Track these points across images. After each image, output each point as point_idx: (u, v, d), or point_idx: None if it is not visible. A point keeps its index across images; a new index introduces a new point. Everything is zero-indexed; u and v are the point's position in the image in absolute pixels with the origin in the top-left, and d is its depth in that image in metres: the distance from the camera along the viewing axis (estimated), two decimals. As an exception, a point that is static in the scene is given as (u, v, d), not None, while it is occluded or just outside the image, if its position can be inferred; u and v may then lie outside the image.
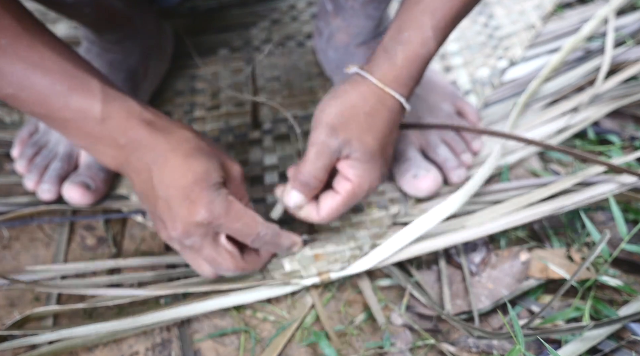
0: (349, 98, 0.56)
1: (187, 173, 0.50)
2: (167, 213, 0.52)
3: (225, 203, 0.53)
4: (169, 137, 0.51)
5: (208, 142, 0.54)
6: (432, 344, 0.58)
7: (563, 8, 0.88)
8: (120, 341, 0.60)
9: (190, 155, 0.51)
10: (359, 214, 0.68)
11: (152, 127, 0.50)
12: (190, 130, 0.53)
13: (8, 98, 0.48)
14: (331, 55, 0.75)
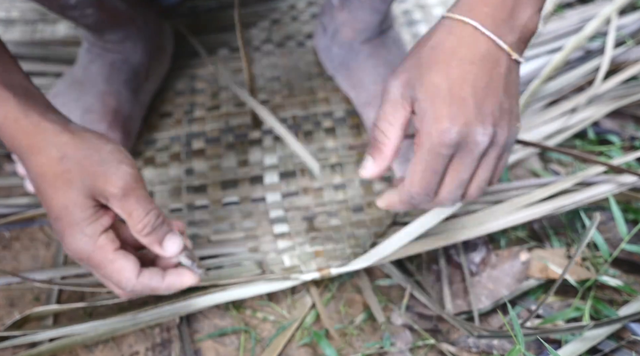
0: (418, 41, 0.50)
1: (51, 204, 0.47)
2: None
3: (88, 247, 0.48)
4: (36, 158, 0.47)
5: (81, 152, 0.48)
6: (432, 344, 0.58)
7: (563, 8, 0.88)
8: (121, 341, 0.60)
9: (52, 184, 0.47)
10: (359, 213, 0.69)
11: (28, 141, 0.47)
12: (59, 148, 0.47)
13: None
14: (335, 51, 0.75)
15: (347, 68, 0.74)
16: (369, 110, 0.73)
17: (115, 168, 0.48)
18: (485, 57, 0.48)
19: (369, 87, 0.73)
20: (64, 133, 0.48)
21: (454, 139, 0.47)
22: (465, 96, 0.47)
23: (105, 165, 0.48)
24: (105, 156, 0.48)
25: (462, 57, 0.47)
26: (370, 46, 0.72)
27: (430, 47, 0.49)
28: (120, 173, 0.48)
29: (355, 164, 0.73)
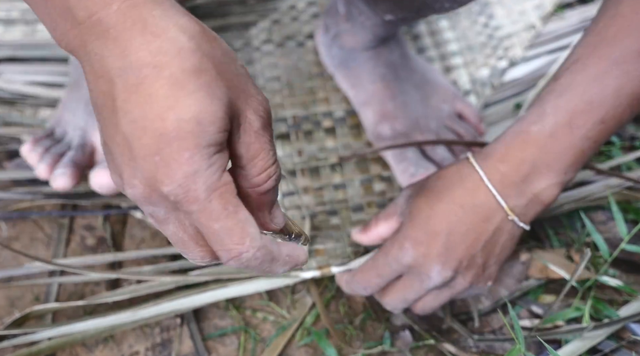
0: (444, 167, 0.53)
1: (167, 114, 0.30)
2: (124, 158, 0.32)
3: (213, 181, 0.31)
4: (151, 43, 0.30)
5: (217, 53, 0.33)
6: (432, 344, 0.58)
7: (563, 8, 0.88)
8: (120, 341, 0.60)
9: (179, 83, 0.30)
10: (359, 213, 0.69)
11: (130, 15, 0.30)
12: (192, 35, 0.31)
13: None
14: (335, 51, 0.75)
15: (347, 67, 0.74)
16: (366, 109, 0.73)
17: (255, 89, 0.34)
18: (478, 207, 0.48)
19: (368, 87, 0.73)
20: (193, 21, 0.32)
21: (406, 261, 0.50)
22: (439, 232, 0.49)
23: (244, 82, 0.34)
24: (241, 70, 0.34)
25: (455, 197, 0.49)
26: (372, 52, 0.72)
27: (437, 177, 0.51)
28: (261, 99, 0.34)
29: (355, 164, 0.73)
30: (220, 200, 0.32)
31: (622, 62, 0.46)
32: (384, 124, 0.71)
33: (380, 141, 0.71)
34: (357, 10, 0.64)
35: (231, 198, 0.32)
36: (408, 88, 0.72)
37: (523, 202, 0.49)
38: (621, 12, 0.46)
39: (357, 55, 0.72)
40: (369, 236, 0.57)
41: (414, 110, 0.71)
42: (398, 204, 0.54)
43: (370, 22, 0.65)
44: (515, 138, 0.48)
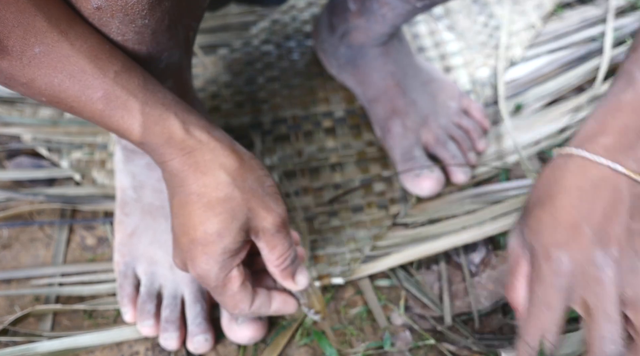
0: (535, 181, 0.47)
1: (198, 228, 0.45)
2: (174, 242, 0.48)
3: (220, 278, 0.47)
4: (199, 179, 0.45)
5: (248, 183, 0.46)
6: (432, 344, 0.58)
7: (563, 8, 0.88)
8: (120, 341, 0.60)
9: (211, 207, 0.45)
10: (358, 213, 0.69)
11: (187, 162, 0.44)
12: (229, 172, 0.45)
13: (40, 102, 0.43)
14: (343, 51, 0.74)
15: (355, 65, 0.74)
16: (376, 105, 0.73)
17: (274, 204, 0.47)
18: (598, 183, 0.44)
19: (378, 83, 0.73)
20: (233, 157, 0.46)
21: (566, 266, 0.43)
22: (575, 222, 0.43)
23: (265, 201, 0.47)
24: (267, 190, 0.47)
25: (568, 186, 0.44)
26: (380, 49, 0.72)
27: (536, 187, 0.46)
28: (279, 210, 0.47)
29: (355, 164, 0.73)
30: (223, 288, 0.48)
31: None
32: (394, 120, 0.71)
33: (389, 137, 0.71)
34: (378, 3, 0.64)
35: (233, 287, 0.48)
36: (416, 85, 0.73)
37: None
38: None
39: (367, 52, 0.72)
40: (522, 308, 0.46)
41: (423, 107, 0.71)
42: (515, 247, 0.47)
43: (393, 13, 0.63)
44: (609, 109, 0.46)
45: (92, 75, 0.41)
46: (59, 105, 0.42)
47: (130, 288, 0.59)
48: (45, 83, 0.40)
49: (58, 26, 0.39)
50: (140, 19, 0.41)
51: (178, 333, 0.57)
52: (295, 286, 0.51)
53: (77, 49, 0.40)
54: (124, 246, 0.61)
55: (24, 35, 0.38)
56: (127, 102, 0.42)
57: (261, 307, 0.50)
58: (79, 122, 0.76)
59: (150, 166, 0.61)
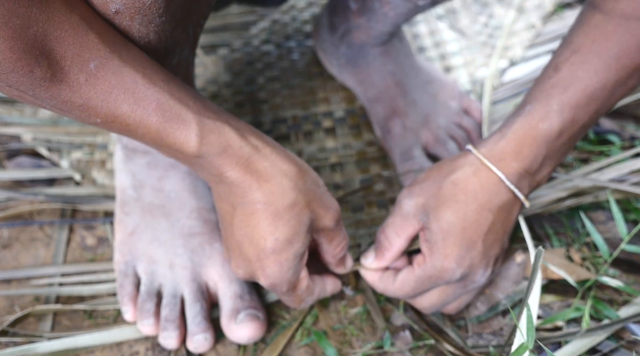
0: (440, 166, 0.53)
1: (268, 237, 0.46)
2: (235, 254, 0.49)
3: (292, 282, 0.50)
4: (263, 187, 0.45)
5: (308, 186, 0.47)
6: (432, 344, 0.58)
7: (563, 8, 0.88)
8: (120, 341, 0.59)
9: (279, 215, 0.45)
10: (359, 213, 0.69)
11: (248, 170, 0.44)
12: (290, 178, 0.46)
13: (93, 124, 0.42)
14: (343, 50, 0.74)
15: (355, 65, 0.74)
16: (377, 105, 0.73)
17: (331, 202, 0.49)
18: (502, 206, 0.50)
19: (378, 83, 0.73)
20: (289, 162, 0.46)
21: (456, 278, 0.51)
22: (476, 240, 0.50)
23: (323, 200, 0.49)
24: (322, 190, 0.49)
25: (482, 204, 0.50)
26: (381, 48, 0.72)
27: (452, 182, 0.51)
28: (335, 207, 0.50)
29: (355, 164, 0.73)
30: (293, 290, 0.51)
31: (621, 57, 0.48)
32: (394, 120, 0.71)
33: (389, 137, 0.71)
34: (379, 2, 0.64)
35: (302, 285, 0.51)
36: (417, 85, 0.73)
37: (531, 188, 0.52)
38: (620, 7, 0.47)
39: (367, 52, 0.72)
40: (386, 257, 0.54)
41: (423, 107, 0.71)
42: (409, 215, 0.52)
43: (395, 12, 0.64)
44: (526, 136, 0.50)
45: (144, 86, 0.40)
46: (113, 124, 0.41)
47: (130, 287, 0.59)
48: (102, 100, 0.39)
49: (107, 40, 0.39)
50: (158, 18, 0.41)
51: (177, 332, 0.57)
52: (345, 270, 0.56)
53: (125, 61, 0.40)
54: (124, 245, 0.61)
55: (79, 52, 0.38)
56: (182, 112, 0.42)
57: (320, 294, 0.55)
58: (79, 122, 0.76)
59: (150, 165, 0.61)
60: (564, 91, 0.49)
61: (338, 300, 0.62)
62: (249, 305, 0.58)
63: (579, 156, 0.72)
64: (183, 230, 0.60)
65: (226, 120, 0.44)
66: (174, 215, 0.60)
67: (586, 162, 0.71)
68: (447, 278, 0.51)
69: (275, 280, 0.48)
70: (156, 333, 0.58)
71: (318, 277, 0.55)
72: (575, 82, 0.48)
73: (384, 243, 0.54)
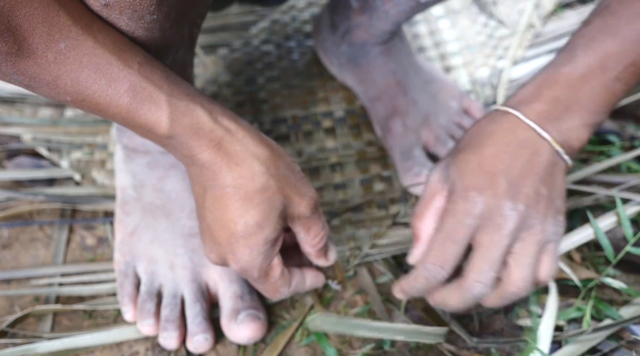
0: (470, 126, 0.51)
1: (238, 221, 0.45)
2: (207, 238, 0.48)
3: (263, 268, 0.48)
4: (233, 170, 0.44)
5: (281, 171, 0.46)
6: (431, 344, 0.58)
7: (563, 8, 0.88)
8: (120, 341, 0.59)
9: (249, 198, 0.45)
10: (358, 213, 0.69)
11: (219, 152, 0.44)
12: (262, 161, 0.45)
13: (63, 102, 0.42)
14: (344, 49, 0.74)
15: (356, 64, 0.74)
16: (377, 104, 0.73)
17: (306, 188, 0.48)
18: (523, 143, 0.47)
19: (379, 82, 0.73)
20: (262, 145, 0.46)
21: (479, 208, 0.46)
22: (496, 172, 0.47)
23: (298, 186, 0.47)
24: (297, 176, 0.48)
25: (498, 139, 0.48)
26: (382, 47, 0.72)
27: (470, 133, 0.50)
28: (310, 194, 0.48)
29: (355, 164, 0.73)
30: (265, 277, 0.49)
31: None
32: (395, 119, 0.71)
33: (390, 136, 0.71)
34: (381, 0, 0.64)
35: (275, 273, 0.49)
36: (417, 84, 0.73)
37: (563, 137, 0.48)
38: None
39: (368, 50, 0.72)
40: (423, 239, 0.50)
41: (424, 107, 0.71)
42: (434, 182, 0.50)
43: (396, 10, 0.63)
44: (547, 79, 0.48)
45: (117, 68, 0.40)
46: (83, 103, 0.41)
47: (130, 287, 0.59)
48: (72, 79, 0.39)
49: (81, 20, 0.39)
50: (148, 15, 0.41)
51: (177, 332, 0.57)
52: (327, 262, 0.54)
53: (100, 43, 0.40)
54: (125, 245, 0.61)
55: (49, 31, 0.38)
56: (153, 94, 0.41)
57: (297, 286, 0.52)
58: (79, 122, 0.76)
59: (151, 165, 0.61)
60: (592, 39, 0.47)
61: (338, 300, 0.62)
62: (249, 305, 0.58)
63: (579, 156, 0.72)
64: (183, 230, 0.60)
65: (200, 103, 0.44)
66: (174, 215, 0.60)
67: (586, 162, 0.71)
68: (470, 209, 0.46)
69: (245, 265, 0.47)
70: (156, 333, 0.58)
71: (297, 269, 0.53)
72: (605, 31, 0.47)
73: (416, 225, 0.51)
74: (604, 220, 0.59)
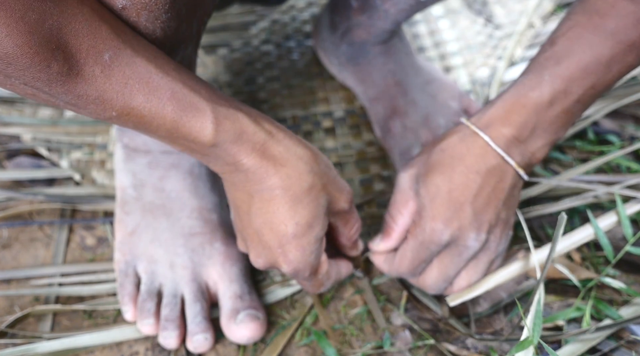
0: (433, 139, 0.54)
1: (289, 222, 0.46)
2: (254, 244, 0.49)
3: (315, 265, 0.50)
4: (280, 171, 0.45)
5: (322, 169, 0.47)
6: (431, 344, 0.58)
7: (563, 8, 0.88)
8: (120, 341, 0.60)
9: (298, 199, 0.46)
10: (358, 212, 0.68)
11: (264, 155, 0.44)
12: (306, 161, 0.46)
13: (107, 119, 0.41)
14: (344, 49, 0.74)
15: (356, 64, 0.74)
16: (377, 104, 0.73)
17: (343, 185, 0.50)
18: (491, 170, 0.51)
19: (379, 82, 0.73)
20: (302, 146, 0.47)
21: (445, 240, 0.52)
22: (464, 202, 0.51)
23: (337, 182, 0.49)
24: (334, 173, 0.49)
25: (468, 166, 0.51)
26: (381, 46, 0.72)
27: (441, 149, 0.52)
28: (348, 189, 0.50)
29: (355, 164, 0.73)
30: (315, 274, 0.52)
31: (617, 33, 0.48)
32: (394, 120, 0.71)
33: (389, 137, 0.71)
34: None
35: (323, 271, 0.52)
36: (417, 84, 0.73)
37: (525, 160, 0.52)
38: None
39: (368, 50, 0.72)
40: (393, 237, 0.55)
41: (423, 107, 0.71)
42: (406, 188, 0.54)
43: (396, 8, 0.64)
44: (516, 103, 0.50)
45: (157, 76, 0.40)
46: (128, 117, 0.40)
47: (130, 287, 0.59)
48: (117, 92, 0.39)
49: (118, 31, 0.39)
50: (164, 14, 0.41)
51: (177, 331, 0.57)
52: (358, 252, 0.57)
53: (137, 52, 0.39)
54: (125, 245, 0.61)
55: (94, 44, 0.37)
56: (195, 100, 0.41)
57: (336, 277, 0.55)
58: (79, 122, 0.76)
59: (151, 165, 0.61)
60: (557, 63, 0.49)
61: (338, 300, 0.62)
62: (249, 305, 0.58)
63: (578, 156, 0.72)
64: (184, 229, 0.60)
65: (238, 107, 0.44)
66: (174, 214, 0.60)
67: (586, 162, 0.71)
68: (437, 240, 0.52)
69: (298, 265, 0.49)
70: (156, 332, 0.58)
71: (333, 261, 0.55)
72: (570, 55, 0.49)
73: (389, 223, 0.55)
74: (603, 220, 0.59)
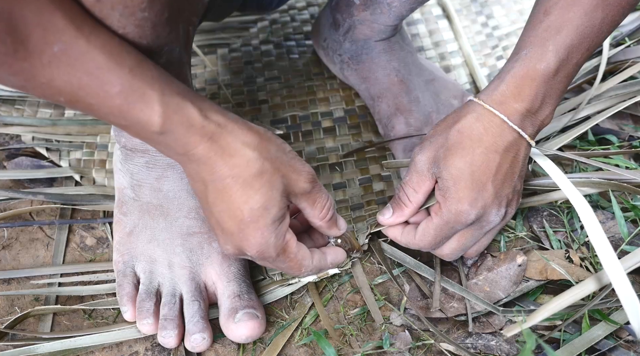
0: (446, 119, 0.55)
1: (243, 207, 0.47)
2: (218, 232, 0.50)
3: (279, 245, 0.50)
4: (228, 162, 0.46)
5: (273, 153, 0.48)
6: (431, 344, 0.58)
7: (562, 8, 0.88)
8: (120, 341, 0.60)
9: (249, 185, 0.46)
10: (358, 210, 0.69)
11: (212, 146, 0.45)
12: (254, 147, 0.47)
13: (57, 103, 0.42)
14: (347, 47, 0.74)
15: (359, 61, 0.74)
16: (380, 102, 0.73)
17: (301, 165, 0.50)
18: (508, 147, 0.52)
19: (382, 80, 0.73)
20: (251, 133, 0.47)
21: (471, 220, 0.53)
22: (486, 181, 0.52)
23: (292, 164, 0.49)
24: (289, 155, 0.50)
25: (488, 146, 0.52)
26: (384, 43, 0.72)
27: (458, 131, 0.53)
28: (307, 169, 0.50)
29: (354, 164, 0.73)
30: (284, 254, 0.51)
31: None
32: (398, 118, 0.71)
33: (392, 134, 0.71)
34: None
35: (292, 248, 0.51)
36: (420, 83, 0.73)
37: (535, 129, 0.54)
38: None
39: (372, 47, 0.72)
40: (405, 213, 0.57)
41: (427, 105, 0.71)
42: (423, 170, 0.55)
43: (399, 2, 0.65)
44: (525, 77, 0.52)
45: (108, 70, 0.40)
46: (77, 104, 0.42)
47: (129, 287, 0.59)
48: (64, 81, 0.40)
49: (74, 22, 0.39)
50: (139, 12, 0.42)
51: (176, 331, 0.57)
52: (340, 231, 0.56)
53: (92, 45, 0.40)
54: (123, 245, 0.61)
55: (44, 34, 0.38)
56: (145, 94, 0.42)
57: (321, 262, 0.55)
58: (79, 122, 0.76)
59: (149, 165, 0.61)
60: (558, 33, 0.51)
61: (338, 300, 0.62)
62: (247, 304, 0.58)
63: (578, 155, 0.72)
64: (181, 229, 0.60)
65: (190, 100, 0.45)
66: (172, 214, 0.60)
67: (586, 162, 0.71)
68: (463, 221, 0.53)
69: (260, 247, 0.49)
70: (155, 332, 0.58)
71: (315, 249, 0.55)
72: (567, 24, 0.51)
73: (403, 199, 0.56)
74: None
